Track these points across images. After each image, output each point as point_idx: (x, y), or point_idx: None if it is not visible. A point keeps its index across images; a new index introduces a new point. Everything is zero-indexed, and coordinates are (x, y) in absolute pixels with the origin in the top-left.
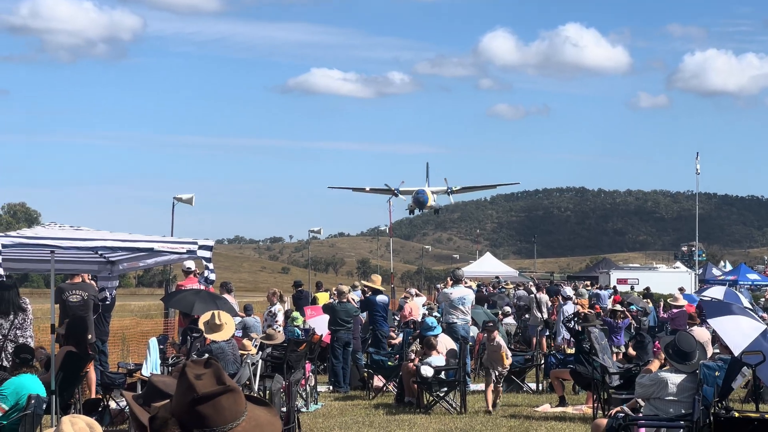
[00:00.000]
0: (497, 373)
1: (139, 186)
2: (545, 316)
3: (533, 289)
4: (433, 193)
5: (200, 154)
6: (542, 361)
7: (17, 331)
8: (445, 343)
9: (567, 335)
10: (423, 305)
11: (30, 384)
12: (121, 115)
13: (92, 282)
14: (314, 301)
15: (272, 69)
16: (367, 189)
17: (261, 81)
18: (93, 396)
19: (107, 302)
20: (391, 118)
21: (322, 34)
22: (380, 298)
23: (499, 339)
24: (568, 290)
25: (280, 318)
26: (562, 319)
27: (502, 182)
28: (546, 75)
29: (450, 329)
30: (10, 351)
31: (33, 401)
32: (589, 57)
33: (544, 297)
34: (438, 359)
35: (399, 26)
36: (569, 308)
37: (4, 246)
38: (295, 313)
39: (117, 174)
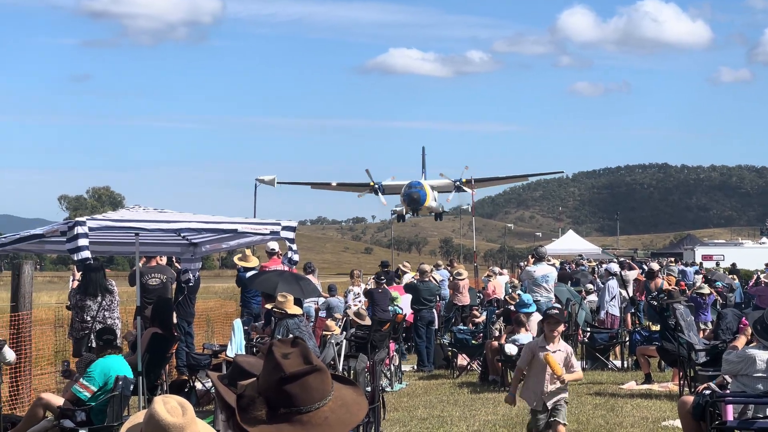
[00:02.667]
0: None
1: (221, 168)
2: (630, 293)
3: (613, 267)
4: (433, 188)
5: (281, 136)
6: (627, 339)
7: (105, 313)
8: (536, 322)
9: (613, 311)
10: (506, 283)
11: (117, 365)
12: (202, 98)
13: (177, 263)
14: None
15: (350, 49)
16: (334, 184)
17: (339, 62)
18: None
19: (191, 284)
20: (471, 97)
21: (398, 13)
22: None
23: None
24: (614, 266)
25: (362, 298)
26: (606, 297)
27: (546, 171)
28: (625, 51)
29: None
30: None
31: (120, 382)
32: (668, 32)
33: (630, 274)
34: (526, 337)
35: (476, 4)
36: (613, 284)
37: (91, 229)
38: (395, 293)
39: (199, 156)
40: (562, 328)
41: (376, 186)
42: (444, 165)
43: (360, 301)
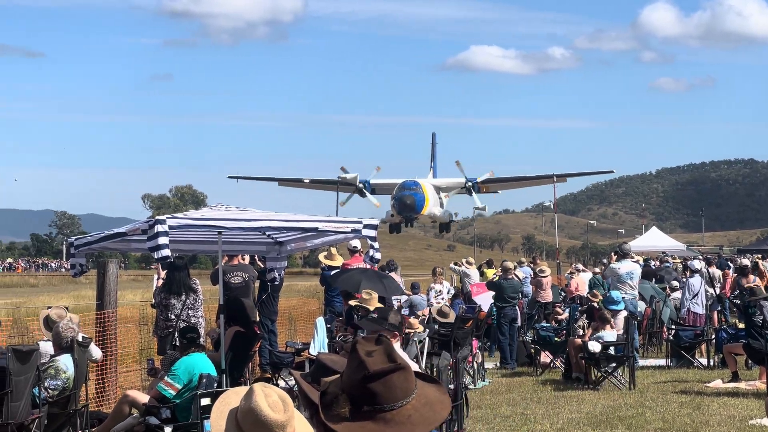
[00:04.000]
0: None
1: (303, 166)
2: (717, 290)
3: (695, 264)
4: (439, 190)
5: (361, 133)
6: (713, 336)
7: (189, 312)
8: (623, 319)
9: (696, 309)
10: (590, 279)
11: (200, 363)
12: (283, 96)
13: (259, 261)
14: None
15: (431, 47)
16: (306, 180)
17: (420, 59)
18: None
19: (276, 282)
20: (552, 93)
21: (479, 10)
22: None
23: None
24: (696, 263)
25: (446, 295)
26: (687, 294)
27: (598, 170)
28: (709, 46)
29: None
30: None
31: (204, 380)
32: (753, 25)
33: (716, 272)
34: (610, 334)
35: (556, 0)
36: (695, 282)
37: (171, 227)
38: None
39: (280, 154)
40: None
41: (361, 184)
42: (520, 163)
43: (443, 299)
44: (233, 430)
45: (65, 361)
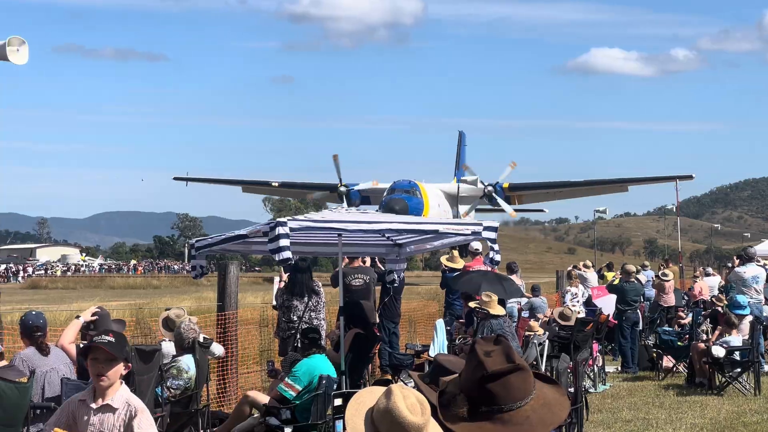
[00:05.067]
0: None
1: (422, 168)
2: None
3: None
4: (451, 198)
5: (483, 138)
6: None
7: (311, 314)
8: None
9: None
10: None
11: (321, 365)
12: (403, 99)
13: (380, 264)
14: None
15: (550, 50)
16: (275, 184)
17: (539, 62)
18: None
19: (395, 284)
20: (675, 96)
21: (600, 12)
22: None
23: None
24: None
25: (581, 299)
26: None
27: (677, 174)
28: None
29: None
30: None
31: (324, 382)
32: None
33: None
34: (736, 339)
35: (679, 1)
36: None
37: (292, 230)
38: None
39: (401, 156)
40: (117, 368)
41: (345, 189)
42: (637, 167)
43: (577, 302)
44: (369, 429)
45: (187, 362)
